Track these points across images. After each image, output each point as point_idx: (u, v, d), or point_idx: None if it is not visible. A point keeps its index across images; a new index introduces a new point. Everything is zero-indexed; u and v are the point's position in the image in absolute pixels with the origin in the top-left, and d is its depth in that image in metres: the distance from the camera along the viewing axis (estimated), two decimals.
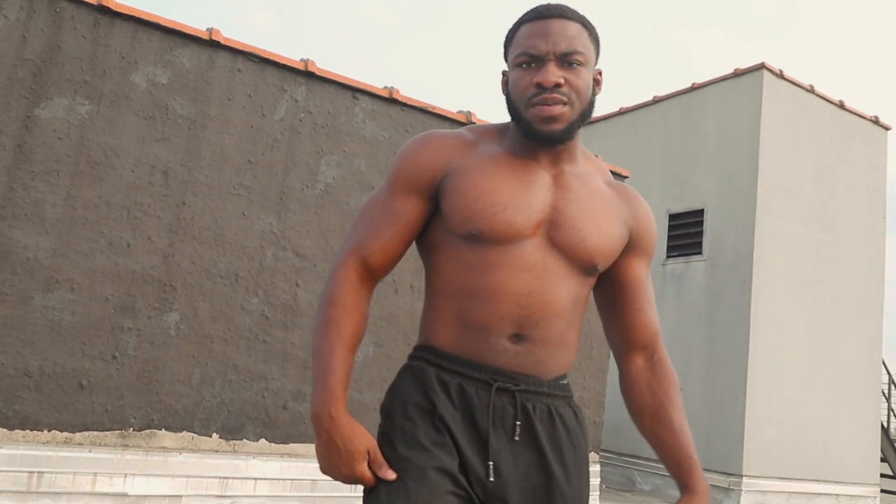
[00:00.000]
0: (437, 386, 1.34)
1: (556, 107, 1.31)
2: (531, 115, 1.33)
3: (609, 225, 1.40)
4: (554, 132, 1.33)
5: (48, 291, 3.82)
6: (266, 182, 4.50)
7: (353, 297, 1.35)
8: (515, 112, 1.36)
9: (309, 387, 4.53)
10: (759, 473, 7.04)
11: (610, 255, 1.40)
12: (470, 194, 1.34)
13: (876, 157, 8.52)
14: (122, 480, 3.91)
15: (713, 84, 8.12)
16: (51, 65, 3.92)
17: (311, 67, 4.64)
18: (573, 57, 1.32)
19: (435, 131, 1.43)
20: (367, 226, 1.39)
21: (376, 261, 1.38)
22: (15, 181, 3.79)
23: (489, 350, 1.33)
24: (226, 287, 4.32)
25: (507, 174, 1.36)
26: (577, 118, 1.34)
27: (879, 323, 8.24)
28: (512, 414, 1.33)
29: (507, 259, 1.33)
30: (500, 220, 1.32)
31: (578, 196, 1.38)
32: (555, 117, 1.31)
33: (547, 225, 1.36)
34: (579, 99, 1.34)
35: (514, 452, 1.33)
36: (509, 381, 1.34)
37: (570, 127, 1.34)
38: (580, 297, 1.41)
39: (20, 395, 3.72)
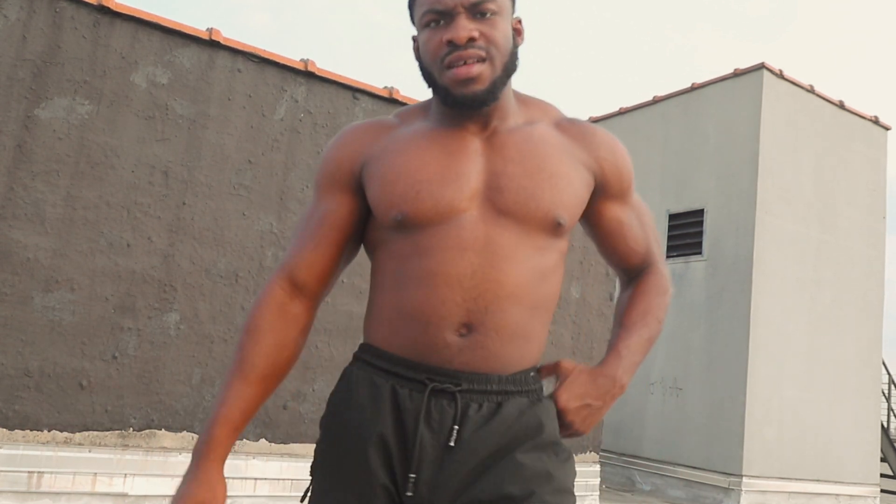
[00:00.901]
0: (364, 393, 1.20)
1: (474, 66, 1.15)
2: (447, 79, 1.17)
3: (563, 172, 1.22)
4: (476, 94, 1.16)
5: (48, 291, 3.82)
6: (266, 182, 4.50)
7: (269, 320, 1.22)
8: (430, 78, 1.21)
9: (309, 387, 4.53)
10: (759, 473, 7.04)
11: (572, 206, 1.22)
12: (388, 178, 1.20)
13: (876, 157, 8.52)
14: (122, 480, 3.91)
15: (713, 84, 8.12)
16: (51, 65, 3.92)
17: (311, 67, 4.64)
18: (484, 6, 1.16)
19: (352, 124, 1.32)
20: (295, 239, 1.28)
21: (303, 273, 1.25)
22: (15, 181, 3.79)
23: (429, 345, 1.16)
24: (226, 287, 4.32)
25: (430, 149, 1.21)
26: (500, 75, 1.18)
27: (879, 323, 8.24)
28: (451, 417, 1.15)
29: (443, 239, 1.16)
30: (425, 197, 1.17)
31: (519, 151, 1.21)
32: (473, 78, 1.15)
33: (487, 192, 1.19)
34: (499, 52, 1.17)
35: (454, 460, 1.15)
36: (448, 381, 1.16)
37: (493, 86, 1.17)
38: (546, 268, 1.21)
39: (20, 395, 3.72)
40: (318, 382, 4.57)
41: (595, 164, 1.27)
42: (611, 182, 1.29)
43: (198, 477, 1.17)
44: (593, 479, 5.86)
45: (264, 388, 1.23)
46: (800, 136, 7.84)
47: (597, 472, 5.90)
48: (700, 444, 7.37)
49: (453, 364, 1.16)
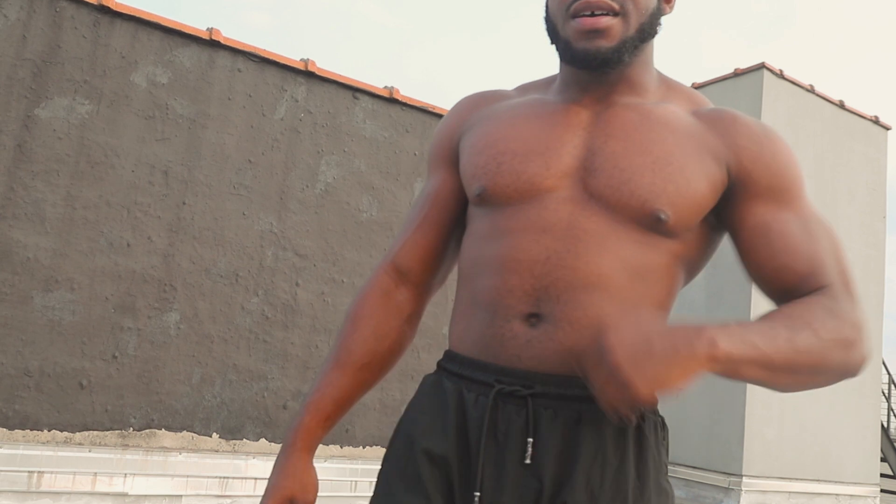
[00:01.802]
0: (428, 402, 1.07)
1: (603, 18, 0.98)
2: (570, 29, 1.00)
3: (676, 158, 0.99)
4: (599, 50, 0.99)
5: (48, 291, 3.82)
6: (266, 182, 4.50)
7: (370, 307, 1.12)
8: (554, 32, 1.04)
9: (309, 386, 4.54)
10: (759, 473, 7.04)
11: (683, 201, 0.97)
12: (476, 148, 1.07)
13: (876, 157, 8.52)
14: (122, 480, 3.91)
15: (713, 84, 8.12)
16: (51, 65, 3.92)
17: (311, 67, 4.64)
18: None
19: (467, 95, 1.19)
20: (402, 226, 1.19)
21: (406, 258, 1.14)
22: (15, 181, 3.79)
23: (496, 339, 1.00)
24: (226, 287, 4.32)
25: (528, 119, 1.06)
26: (632, 35, 1.00)
27: (879, 323, 8.24)
28: (520, 428, 0.97)
29: (523, 220, 1.01)
30: (507, 171, 1.02)
31: (628, 128, 1.01)
32: (600, 30, 0.98)
33: (581, 172, 1.01)
34: (636, 9, 1.00)
35: (525, 479, 0.96)
36: (518, 383, 0.98)
37: (622, 45, 0.99)
38: (646, 266, 0.99)
39: (20, 395, 3.72)
40: None
41: (731, 156, 1.01)
42: (755, 178, 1.00)
43: (286, 469, 1.07)
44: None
45: (362, 377, 1.11)
46: (800, 136, 7.85)
47: None
48: (700, 444, 7.37)
49: (522, 360, 0.98)
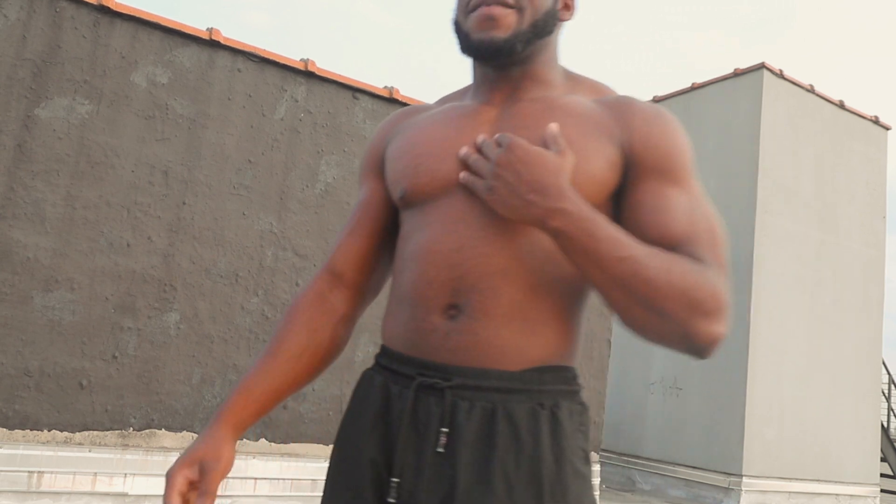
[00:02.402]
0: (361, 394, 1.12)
1: (496, 7, 1.03)
2: (469, 22, 1.06)
3: (579, 142, 1.03)
4: (493, 39, 1.04)
5: (48, 291, 3.82)
6: (266, 182, 4.50)
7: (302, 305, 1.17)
8: (459, 32, 1.10)
9: (309, 386, 4.53)
10: (759, 473, 7.04)
11: (584, 181, 1.01)
12: (395, 155, 1.14)
13: (876, 157, 8.52)
14: (122, 480, 3.91)
15: (713, 84, 8.12)
16: (51, 65, 3.92)
17: (311, 67, 4.64)
18: None
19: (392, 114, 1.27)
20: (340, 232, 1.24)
21: (340, 262, 1.18)
22: (15, 181, 3.79)
23: (417, 332, 1.03)
24: (226, 287, 4.32)
25: (441, 123, 1.12)
26: (526, 28, 1.05)
27: (879, 323, 8.24)
28: (438, 418, 1.00)
29: (440, 214, 1.05)
30: (423, 171, 1.07)
31: (531, 119, 1.06)
32: (494, 18, 1.03)
33: None
34: (531, 4, 1.05)
35: (440, 467, 0.99)
36: (438, 376, 1.01)
37: (515, 37, 1.04)
38: (550, 248, 1.02)
39: (20, 395, 3.72)
40: (318, 382, 4.57)
41: (625, 136, 1.05)
42: (644, 157, 1.04)
43: (203, 437, 1.07)
44: (593, 479, 5.86)
45: (291, 368, 1.12)
46: (800, 136, 7.85)
47: (597, 472, 5.90)
48: (700, 444, 7.37)
49: (442, 353, 1.01)
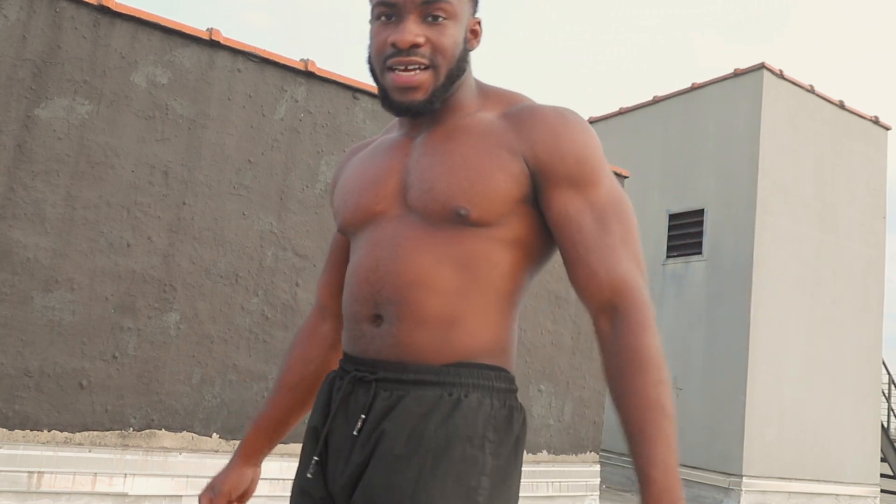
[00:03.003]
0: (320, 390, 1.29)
1: (415, 74, 1.11)
2: (387, 81, 1.13)
3: (473, 159, 1.11)
4: (412, 103, 1.13)
5: (48, 291, 3.82)
6: (266, 182, 4.50)
7: (298, 339, 1.40)
8: (374, 75, 1.17)
9: None
10: (759, 473, 7.04)
11: (479, 195, 1.10)
12: (338, 192, 1.28)
13: (876, 157, 8.52)
14: (122, 480, 3.91)
15: (713, 84, 8.12)
16: (51, 65, 3.92)
17: (311, 67, 4.64)
18: (437, 7, 1.11)
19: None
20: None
21: (324, 296, 1.40)
22: (15, 181, 3.79)
23: (355, 338, 1.18)
24: (226, 287, 4.32)
25: (373, 158, 1.24)
26: (442, 83, 1.13)
27: (879, 323, 8.24)
28: (362, 404, 1.14)
29: (364, 241, 1.19)
30: (351, 206, 1.22)
31: (435, 145, 1.16)
32: (413, 86, 1.11)
33: (402, 192, 1.17)
34: (445, 60, 1.12)
35: (356, 448, 1.12)
36: (366, 370, 1.15)
37: (433, 96, 1.13)
38: (467, 256, 1.11)
39: (20, 395, 3.72)
40: None
41: (527, 148, 1.12)
42: (551, 167, 1.10)
43: (224, 468, 1.38)
44: (593, 479, 5.86)
45: (293, 397, 1.37)
46: (800, 136, 7.84)
47: (597, 472, 5.90)
48: (700, 444, 7.37)
49: (369, 353, 1.15)
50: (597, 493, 5.87)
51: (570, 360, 5.79)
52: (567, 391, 5.76)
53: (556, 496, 5.58)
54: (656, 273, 8.29)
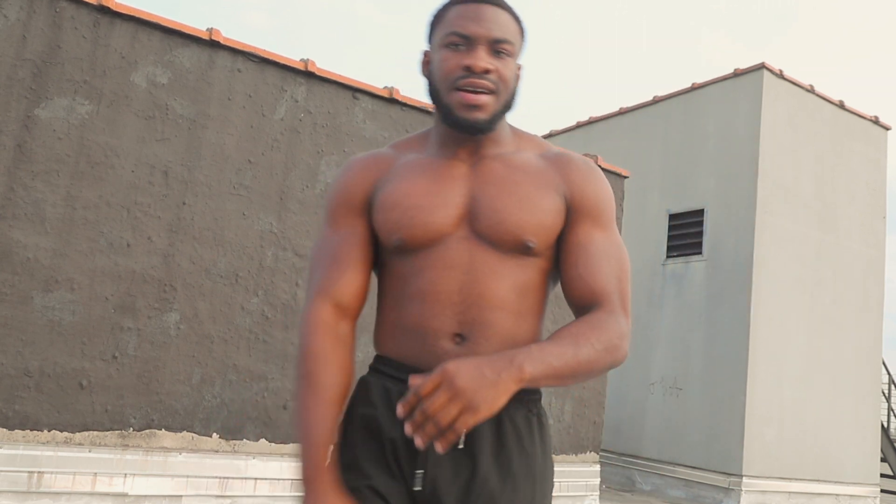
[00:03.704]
0: (378, 396, 1.30)
1: (482, 96, 1.26)
2: (455, 99, 1.27)
3: (536, 197, 1.30)
4: (477, 121, 1.27)
5: (48, 291, 3.82)
6: (266, 182, 4.50)
7: (329, 344, 1.29)
8: (437, 95, 1.30)
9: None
10: (759, 473, 7.04)
11: (542, 229, 1.29)
12: (387, 205, 1.31)
13: (876, 157, 8.52)
14: (122, 480, 3.91)
15: (713, 84, 8.12)
16: (51, 65, 3.92)
17: (311, 67, 4.64)
18: (503, 46, 1.28)
19: (355, 156, 1.42)
20: (325, 264, 1.35)
21: (344, 295, 1.33)
22: (15, 181, 3.79)
23: (430, 354, 1.26)
24: (226, 287, 4.32)
25: (424, 176, 1.32)
26: (500, 109, 1.29)
27: (879, 323, 8.24)
28: None
29: (434, 260, 1.28)
30: (418, 223, 1.28)
31: (497, 177, 1.31)
32: (479, 105, 1.26)
33: (469, 216, 1.29)
34: (506, 89, 1.29)
35: (457, 462, 1.24)
36: None
37: (493, 117, 1.29)
38: (527, 284, 1.30)
39: (20, 395, 3.72)
40: None
41: (567, 187, 1.33)
42: (580, 204, 1.33)
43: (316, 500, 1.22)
44: (593, 479, 5.86)
45: (339, 409, 1.30)
46: (800, 136, 7.84)
47: (597, 472, 5.90)
48: (700, 444, 7.37)
49: None
50: (597, 493, 5.87)
51: None
52: (567, 391, 5.76)
53: (556, 496, 5.58)
54: (656, 273, 8.29)
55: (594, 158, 6.08)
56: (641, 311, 8.33)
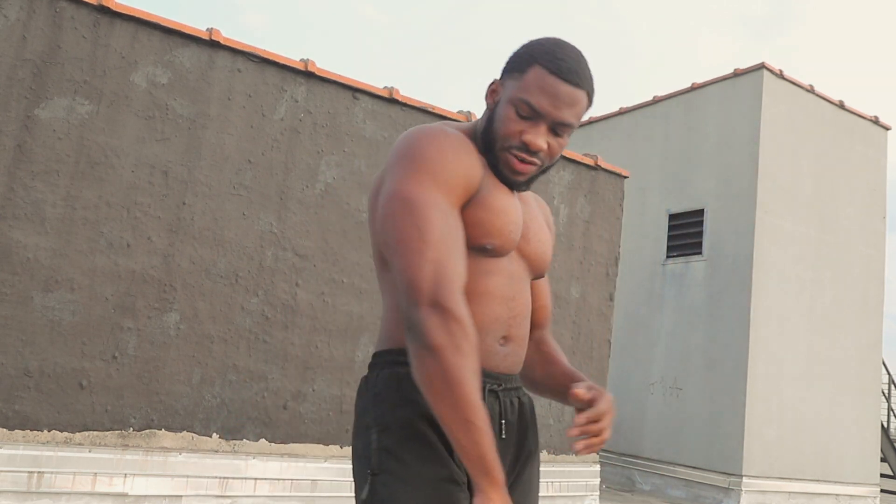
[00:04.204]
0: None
1: (528, 166, 1.35)
2: (504, 158, 1.35)
3: (548, 236, 1.52)
4: (517, 184, 1.39)
5: (48, 291, 3.82)
6: (266, 182, 4.50)
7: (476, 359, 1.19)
8: (489, 140, 1.36)
9: (309, 387, 4.53)
10: (759, 473, 7.04)
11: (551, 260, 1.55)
12: (494, 209, 1.34)
13: (876, 157, 8.52)
14: (122, 480, 3.91)
15: (713, 84, 8.12)
16: (51, 65, 3.92)
17: (311, 67, 4.64)
18: (566, 129, 1.34)
19: (453, 133, 1.33)
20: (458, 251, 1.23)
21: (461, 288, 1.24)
22: (15, 181, 3.79)
23: (485, 353, 1.34)
24: (226, 287, 4.32)
25: (505, 195, 1.39)
26: (538, 174, 1.40)
27: (879, 323, 8.24)
28: (498, 412, 1.38)
29: (499, 267, 1.38)
30: (509, 236, 1.36)
31: (530, 208, 1.49)
32: (525, 174, 1.37)
33: (521, 239, 1.44)
34: (550, 161, 1.38)
35: (501, 451, 1.33)
36: (495, 383, 1.38)
37: (531, 181, 1.41)
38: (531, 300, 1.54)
39: (20, 395, 3.72)
40: (318, 382, 4.57)
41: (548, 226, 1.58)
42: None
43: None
44: (593, 479, 5.85)
45: None
46: (800, 136, 7.84)
47: (597, 472, 5.90)
48: (700, 444, 7.37)
49: (500, 369, 1.39)
50: (597, 493, 5.87)
51: (570, 360, 5.79)
52: None
53: (556, 496, 5.58)
54: (656, 273, 8.29)
55: (594, 158, 6.08)
56: (641, 311, 8.33)
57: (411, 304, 1.19)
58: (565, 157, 5.90)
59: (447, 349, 1.15)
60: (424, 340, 1.16)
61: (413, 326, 1.18)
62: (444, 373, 1.15)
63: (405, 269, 1.20)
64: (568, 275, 5.83)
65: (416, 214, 1.22)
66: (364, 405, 1.34)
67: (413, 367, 1.19)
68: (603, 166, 6.11)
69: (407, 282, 1.20)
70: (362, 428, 1.32)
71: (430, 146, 1.28)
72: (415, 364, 1.18)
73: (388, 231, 1.24)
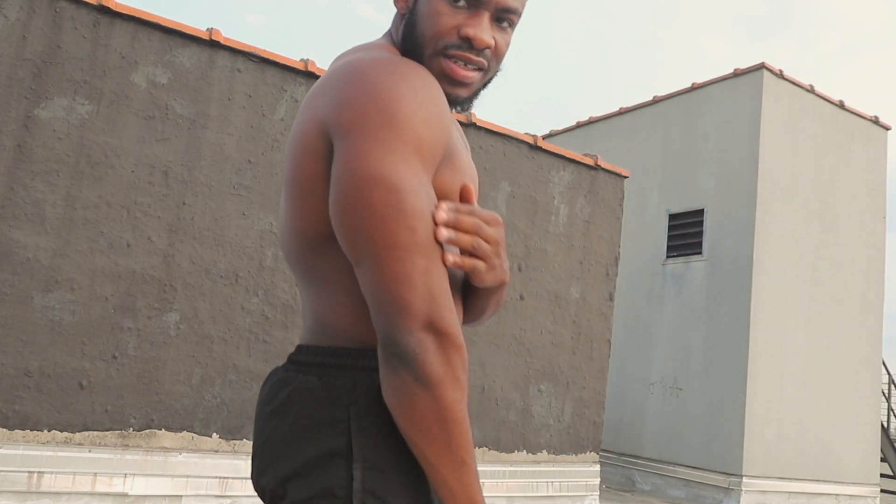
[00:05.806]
0: None
1: (473, 72, 1.07)
2: (440, 65, 1.06)
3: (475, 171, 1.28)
4: (458, 98, 1.08)
5: (48, 291, 3.82)
6: (266, 182, 4.50)
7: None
8: (414, 49, 1.07)
9: None
10: (759, 473, 7.04)
11: None
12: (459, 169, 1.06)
13: (876, 157, 8.52)
14: (122, 480, 3.91)
15: (713, 84, 8.12)
16: (51, 65, 3.92)
17: (311, 67, 4.64)
18: (510, 15, 1.08)
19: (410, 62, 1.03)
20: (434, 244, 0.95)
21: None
22: (15, 181, 3.79)
23: None
24: (226, 287, 4.32)
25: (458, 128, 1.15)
26: (482, 87, 1.12)
27: (879, 323, 8.24)
28: None
29: None
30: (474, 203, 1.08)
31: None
32: (467, 83, 1.07)
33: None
34: (496, 66, 1.11)
35: None
36: None
37: (473, 96, 1.11)
38: None
39: (20, 395, 3.72)
40: None
41: None
42: None
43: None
44: (593, 479, 5.86)
45: None
46: (800, 136, 7.84)
47: (597, 472, 5.90)
48: (700, 444, 7.37)
49: None
50: (597, 493, 5.87)
51: (570, 360, 5.79)
52: (567, 391, 5.76)
53: (556, 496, 5.58)
54: (656, 273, 8.29)
55: (594, 158, 6.08)
56: (641, 311, 8.33)
57: (399, 326, 0.92)
58: (565, 158, 5.90)
59: (446, 384, 0.92)
60: (419, 373, 0.91)
61: (402, 354, 0.92)
62: (441, 411, 0.92)
63: (390, 281, 0.93)
64: (568, 275, 5.83)
65: (404, 210, 0.93)
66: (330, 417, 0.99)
67: (395, 400, 0.93)
68: (603, 166, 6.11)
69: (392, 298, 0.92)
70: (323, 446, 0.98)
71: (406, 97, 0.96)
72: (399, 398, 0.93)
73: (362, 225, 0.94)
